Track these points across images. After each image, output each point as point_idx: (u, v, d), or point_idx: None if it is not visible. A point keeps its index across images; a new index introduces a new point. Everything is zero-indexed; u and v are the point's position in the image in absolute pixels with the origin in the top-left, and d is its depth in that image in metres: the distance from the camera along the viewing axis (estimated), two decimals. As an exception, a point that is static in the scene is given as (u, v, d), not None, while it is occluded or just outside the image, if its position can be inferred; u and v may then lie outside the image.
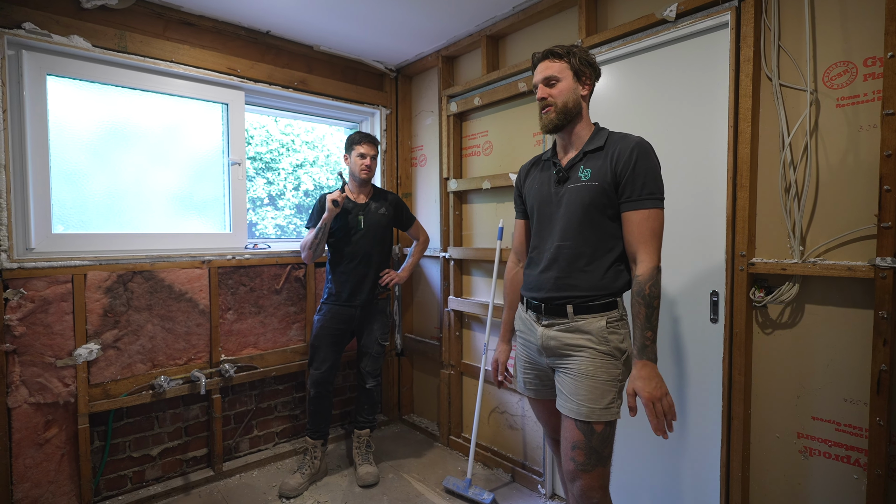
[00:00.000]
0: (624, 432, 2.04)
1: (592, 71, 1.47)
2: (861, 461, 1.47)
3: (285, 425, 2.81)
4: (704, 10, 1.74)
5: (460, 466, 2.62)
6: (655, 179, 1.35)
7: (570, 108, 1.43)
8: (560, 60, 1.44)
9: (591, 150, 1.42)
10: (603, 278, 1.38)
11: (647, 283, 1.30)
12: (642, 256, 1.33)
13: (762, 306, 1.65)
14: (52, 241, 2.07)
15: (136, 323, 2.24)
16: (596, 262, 1.39)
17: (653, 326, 1.30)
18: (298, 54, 2.77)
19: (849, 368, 1.49)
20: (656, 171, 1.36)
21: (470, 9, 2.34)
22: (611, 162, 1.36)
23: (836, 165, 1.50)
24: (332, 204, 2.30)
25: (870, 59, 1.43)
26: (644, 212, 1.33)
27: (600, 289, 1.38)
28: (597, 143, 1.42)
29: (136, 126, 2.32)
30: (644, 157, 1.34)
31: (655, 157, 1.37)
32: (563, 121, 1.43)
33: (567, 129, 1.46)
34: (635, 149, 1.34)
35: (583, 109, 1.46)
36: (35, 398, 2.01)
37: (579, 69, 1.44)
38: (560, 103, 1.42)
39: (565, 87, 1.43)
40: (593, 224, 1.38)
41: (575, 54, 1.44)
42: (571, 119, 1.44)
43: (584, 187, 1.39)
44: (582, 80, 1.45)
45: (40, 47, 2.02)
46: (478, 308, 2.65)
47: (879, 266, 1.37)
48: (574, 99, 1.43)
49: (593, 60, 1.47)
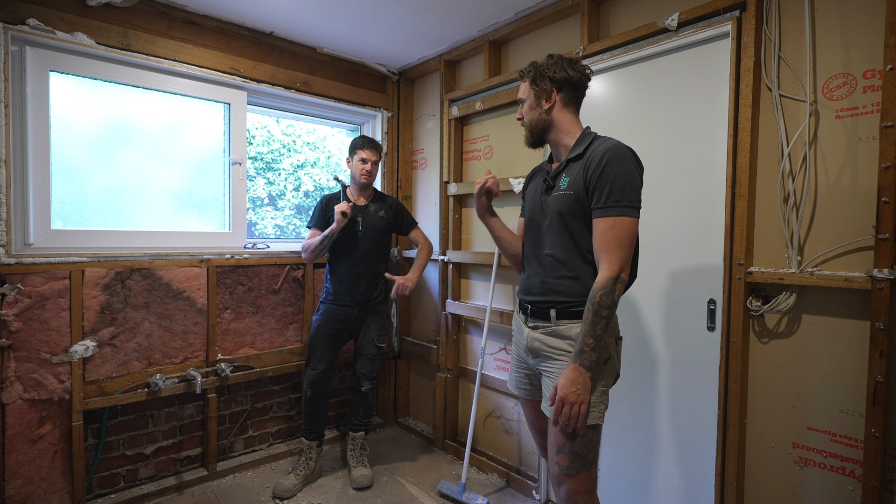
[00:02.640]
0: (618, 440, 2.04)
1: (553, 83, 1.44)
2: (856, 472, 1.47)
3: (280, 426, 2.80)
4: (706, 19, 1.75)
5: (455, 470, 2.61)
6: (623, 186, 1.30)
7: (536, 125, 1.48)
8: (523, 81, 1.52)
9: (573, 158, 1.42)
10: (585, 285, 1.39)
11: (599, 291, 1.29)
12: (602, 265, 1.31)
13: (759, 315, 1.65)
14: (50, 237, 2.07)
15: (133, 321, 2.24)
16: (578, 270, 1.40)
17: (595, 335, 1.29)
18: (301, 55, 2.78)
19: (845, 379, 1.49)
20: (628, 177, 1.31)
21: (473, 14, 2.35)
22: (584, 169, 1.36)
23: (834, 176, 1.51)
24: (341, 216, 2.32)
25: (869, 71, 1.44)
26: (609, 219, 1.30)
27: (582, 295, 1.38)
28: (578, 150, 1.42)
29: (137, 124, 2.33)
30: (614, 163, 1.31)
31: (632, 163, 1.34)
32: (531, 138, 1.51)
33: (549, 141, 1.51)
34: (606, 154, 1.32)
35: (554, 122, 1.47)
36: (29, 394, 2.00)
37: (534, 89, 1.47)
38: (527, 122, 1.50)
39: (528, 107, 1.50)
40: (572, 232, 1.40)
41: (530, 73, 1.48)
42: (541, 134, 1.50)
43: (562, 196, 1.40)
44: (541, 98, 1.46)
45: (44, 43, 2.02)
46: (476, 312, 2.65)
47: (876, 277, 1.37)
48: (536, 116, 1.48)
49: (557, 72, 1.44)
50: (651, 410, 1.94)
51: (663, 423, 1.91)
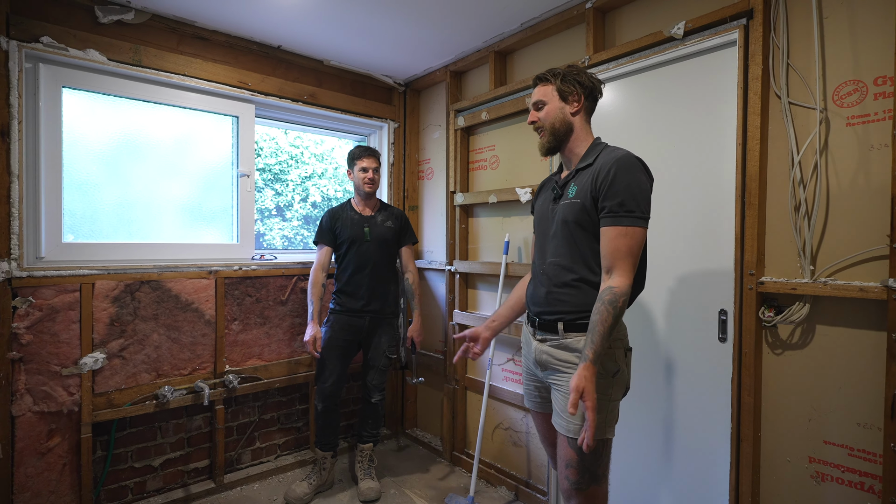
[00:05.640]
0: (629, 453, 2.00)
1: (582, 88, 1.46)
2: (875, 488, 1.43)
3: (288, 437, 2.79)
4: (713, 27, 1.74)
5: (463, 483, 2.58)
6: (635, 196, 1.30)
7: (559, 129, 1.46)
8: (546, 84, 1.48)
9: (583, 167, 1.42)
10: (589, 296, 1.37)
11: (623, 297, 1.26)
12: (618, 272, 1.28)
13: (772, 326, 1.62)
14: (61, 250, 2.09)
15: (142, 332, 2.25)
16: (585, 280, 1.39)
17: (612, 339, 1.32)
18: (308, 68, 2.81)
19: (862, 391, 1.45)
20: (639, 187, 1.31)
21: (478, 25, 2.36)
22: (593, 178, 1.36)
23: (846, 184, 1.48)
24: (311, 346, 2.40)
25: (880, 78, 1.42)
26: (621, 228, 1.29)
27: (589, 306, 1.36)
28: (588, 159, 1.42)
29: (147, 138, 2.36)
30: (624, 173, 1.31)
31: (642, 173, 1.34)
32: (553, 142, 1.47)
33: (563, 149, 1.49)
34: (616, 164, 1.32)
35: (575, 128, 1.46)
36: (39, 407, 2.01)
37: (564, 89, 1.45)
38: (548, 125, 1.46)
39: (552, 109, 1.46)
40: (579, 241, 1.39)
41: (558, 75, 1.46)
42: (563, 139, 1.47)
43: (570, 205, 1.40)
44: (569, 100, 1.45)
45: (57, 60, 2.06)
46: (483, 322, 2.62)
47: (892, 287, 1.34)
48: (561, 119, 1.45)
49: (584, 79, 1.46)
50: (662, 424, 1.91)
51: (675, 437, 1.87)
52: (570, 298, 1.40)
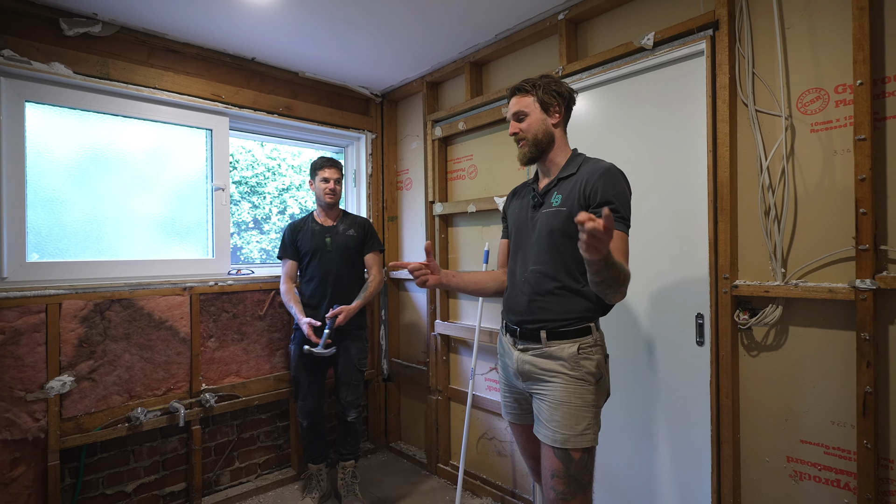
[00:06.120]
0: (612, 459, 2.01)
1: (561, 99, 1.48)
2: (851, 485, 1.46)
3: (268, 455, 2.72)
4: (681, 38, 1.79)
5: (449, 496, 2.55)
6: (623, 205, 1.35)
7: (541, 139, 1.47)
8: (525, 95, 1.48)
9: (565, 177, 1.44)
10: (572, 303, 1.38)
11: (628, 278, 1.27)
12: None
13: (747, 328, 1.65)
14: (25, 270, 2.01)
15: (113, 353, 2.17)
16: (567, 288, 1.39)
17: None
18: (283, 80, 2.79)
19: (835, 390, 1.49)
20: (625, 196, 1.37)
21: (454, 36, 2.38)
22: (581, 187, 1.38)
23: (813, 189, 1.53)
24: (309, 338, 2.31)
25: (840, 86, 1.47)
26: (615, 232, 1.32)
27: (572, 313, 1.38)
28: (570, 169, 1.44)
29: (117, 152, 2.30)
30: (613, 182, 1.35)
31: (625, 183, 1.39)
32: (535, 152, 1.48)
33: (542, 159, 1.50)
34: (606, 172, 1.36)
35: (556, 137, 1.48)
36: (2, 435, 1.92)
37: (545, 100, 1.46)
38: (531, 136, 1.47)
39: (534, 121, 1.46)
40: (563, 249, 1.40)
41: (540, 86, 1.47)
42: (545, 149, 1.48)
43: (554, 213, 1.41)
44: (550, 111, 1.47)
45: (19, 74, 2.00)
46: (465, 332, 2.62)
47: (859, 288, 1.38)
48: (544, 130, 1.46)
49: (563, 89, 1.49)
50: (644, 428, 1.92)
51: (657, 441, 1.88)
52: (553, 306, 1.40)
